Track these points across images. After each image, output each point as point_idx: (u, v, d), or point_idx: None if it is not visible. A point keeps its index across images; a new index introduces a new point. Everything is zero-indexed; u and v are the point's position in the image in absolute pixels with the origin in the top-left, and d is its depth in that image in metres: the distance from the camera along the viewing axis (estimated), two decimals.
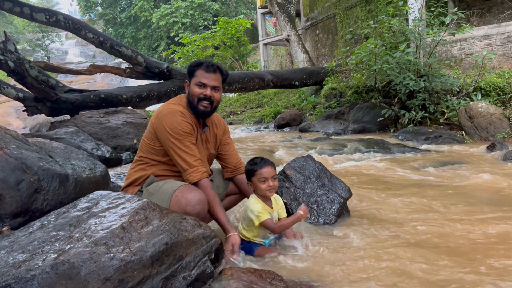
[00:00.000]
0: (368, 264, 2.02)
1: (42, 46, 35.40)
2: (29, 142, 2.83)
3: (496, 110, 6.48)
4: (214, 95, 2.36)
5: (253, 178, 2.27)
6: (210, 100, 2.35)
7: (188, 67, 2.42)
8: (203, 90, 2.34)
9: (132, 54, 7.46)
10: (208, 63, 2.37)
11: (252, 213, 2.23)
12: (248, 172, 2.32)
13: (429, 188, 3.65)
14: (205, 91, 2.34)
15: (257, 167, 2.27)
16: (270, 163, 2.32)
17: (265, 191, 2.26)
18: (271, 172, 2.27)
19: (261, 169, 2.26)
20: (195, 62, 2.41)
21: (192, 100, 2.35)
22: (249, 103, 16.44)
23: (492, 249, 2.15)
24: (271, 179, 2.26)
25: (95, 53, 37.48)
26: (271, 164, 2.32)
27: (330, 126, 9.06)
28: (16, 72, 5.28)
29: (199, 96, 2.33)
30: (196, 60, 2.44)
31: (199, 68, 2.36)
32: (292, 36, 14.23)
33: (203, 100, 2.34)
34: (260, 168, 2.26)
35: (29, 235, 1.73)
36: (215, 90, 2.37)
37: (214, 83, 2.37)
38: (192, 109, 2.37)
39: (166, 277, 1.58)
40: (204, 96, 2.33)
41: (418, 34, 7.78)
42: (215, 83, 2.37)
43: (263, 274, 1.79)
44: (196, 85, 2.34)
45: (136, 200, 1.86)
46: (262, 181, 2.25)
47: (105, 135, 6.06)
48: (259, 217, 2.20)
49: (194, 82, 2.35)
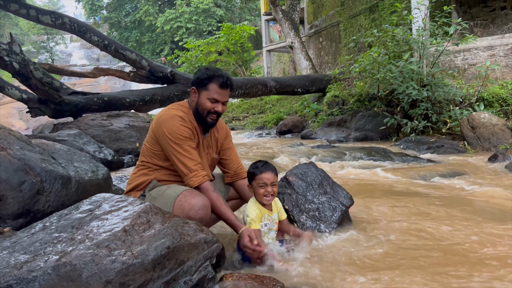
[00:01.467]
0: (369, 272, 2.01)
1: (46, 48, 35.60)
2: (32, 144, 2.84)
3: (499, 121, 6.48)
4: (223, 109, 2.38)
5: (253, 182, 2.27)
6: (218, 113, 2.37)
7: (200, 76, 2.34)
8: (215, 105, 2.33)
9: (136, 58, 7.49)
10: (223, 79, 2.31)
11: (247, 218, 2.24)
12: (249, 175, 2.31)
13: (430, 198, 3.64)
14: (217, 106, 2.33)
15: (257, 171, 2.25)
16: (272, 168, 2.29)
17: (261, 197, 2.25)
18: (270, 178, 2.25)
19: (261, 174, 2.24)
20: (209, 73, 2.32)
21: (201, 112, 2.34)
22: (252, 109, 16.47)
23: (488, 258, 2.14)
24: (270, 185, 2.24)
25: (99, 56, 37.68)
26: (273, 169, 2.29)
27: (332, 133, 9.06)
28: (21, 74, 5.31)
29: (210, 110, 2.33)
30: (209, 71, 2.35)
31: (213, 82, 2.30)
32: (295, 43, 14.28)
33: (212, 114, 2.35)
34: (260, 172, 2.24)
35: (31, 236, 1.73)
36: (224, 104, 2.39)
37: (226, 99, 2.37)
38: (199, 120, 2.37)
39: (167, 281, 1.58)
40: (215, 112, 2.34)
41: (421, 44, 7.81)
42: (226, 99, 2.38)
43: (264, 280, 1.79)
44: (208, 100, 2.31)
45: (139, 204, 1.86)
46: (261, 186, 2.24)
47: (107, 138, 6.07)
48: (251, 224, 2.20)
49: (207, 96, 2.31)
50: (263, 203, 2.29)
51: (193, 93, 2.37)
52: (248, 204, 2.33)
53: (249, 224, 2.21)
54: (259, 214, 2.25)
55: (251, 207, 2.28)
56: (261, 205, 2.30)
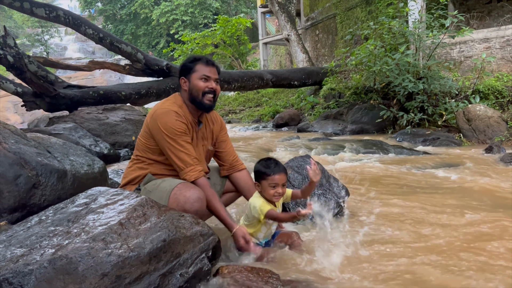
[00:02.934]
0: (364, 264, 2.03)
1: (41, 41, 35.31)
2: (28, 137, 2.83)
3: (494, 113, 6.50)
4: (216, 87, 2.39)
5: (264, 181, 2.21)
6: (214, 93, 2.37)
7: (184, 64, 2.41)
8: (208, 83, 2.35)
9: (131, 51, 7.44)
10: (206, 57, 2.39)
11: (254, 209, 2.20)
12: (259, 174, 2.24)
13: (425, 189, 3.66)
14: (210, 84, 2.35)
15: (270, 171, 2.20)
16: (283, 169, 2.26)
17: (271, 197, 2.22)
18: (283, 179, 2.22)
19: (274, 175, 2.20)
20: (191, 58, 2.40)
21: (196, 95, 2.34)
22: (248, 102, 16.44)
23: (485, 248, 2.16)
24: (281, 186, 2.22)
25: (95, 49, 37.41)
26: (285, 170, 2.26)
27: (328, 126, 9.06)
28: (15, 67, 5.27)
29: (204, 89, 2.33)
30: (191, 56, 2.43)
31: (198, 63, 2.37)
32: (292, 36, 14.23)
33: (208, 94, 2.35)
34: (274, 174, 2.20)
35: (27, 230, 1.73)
36: (216, 82, 2.40)
37: (216, 76, 2.40)
38: (197, 104, 2.37)
39: (163, 274, 1.59)
40: (209, 90, 2.35)
41: (418, 36, 7.80)
42: (216, 76, 2.40)
43: (260, 272, 1.80)
44: (200, 79, 2.34)
45: (135, 197, 1.87)
46: (272, 187, 2.21)
47: (103, 131, 6.05)
48: (262, 209, 2.16)
49: (197, 77, 2.34)
50: (271, 201, 2.26)
51: (183, 83, 2.40)
52: (251, 199, 2.30)
53: (262, 210, 2.16)
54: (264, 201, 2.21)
55: (256, 196, 2.25)
56: (266, 200, 2.28)
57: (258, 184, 2.26)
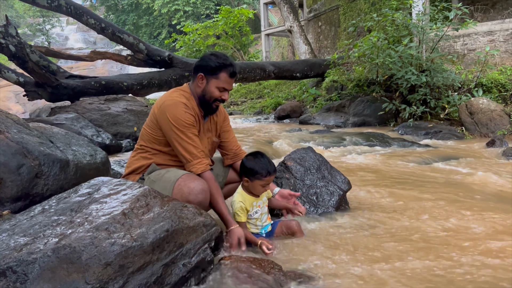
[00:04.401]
0: (365, 256, 2.04)
1: (42, 31, 35.17)
2: (30, 127, 2.83)
3: (497, 107, 6.48)
4: (227, 97, 2.42)
5: (257, 181, 2.23)
6: (223, 101, 2.41)
7: (209, 62, 2.32)
8: (223, 94, 2.36)
9: (133, 41, 7.41)
10: (233, 68, 2.33)
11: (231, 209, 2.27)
12: (252, 172, 2.25)
13: (427, 182, 3.66)
14: (224, 95, 2.37)
15: (266, 173, 2.23)
16: (274, 166, 2.32)
17: (260, 193, 2.29)
18: (273, 178, 2.30)
19: (271, 176, 2.25)
20: (220, 61, 2.31)
21: (208, 99, 2.35)
22: (250, 93, 16.42)
23: (488, 242, 2.17)
24: (268, 184, 2.30)
25: (96, 40, 37.30)
26: (275, 167, 2.33)
27: (330, 118, 9.05)
28: (17, 57, 5.25)
29: (217, 98, 2.36)
30: (220, 58, 2.32)
31: (224, 71, 2.31)
32: (294, 27, 14.15)
33: (218, 101, 2.38)
34: (270, 174, 2.24)
35: (30, 219, 1.74)
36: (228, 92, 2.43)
37: (231, 88, 2.41)
38: (205, 106, 2.38)
39: (166, 264, 1.60)
40: (222, 100, 2.37)
41: (421, 29, 7.75)
42: (232, 87, 2.42)
43: (262, 263, 1.81)
44: (217, 88, 2.33)
45: (138, 187, 1.87)
46: (264, 186, 2.26)
47: (105, 122, 6.05)
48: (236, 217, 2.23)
49: (216, 85, 2.32)
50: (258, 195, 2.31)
51: (200, 80, 2.34)
52: (234, 195, 2.33)
53: (235, 216, 2.22)
54: (243, 206, 2.24)
55: (237, 199, 2.28)
56: (248, 193, 2.30)
57: (248, 180, 2.27)
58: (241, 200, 2.27)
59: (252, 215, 2.30)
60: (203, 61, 2.35)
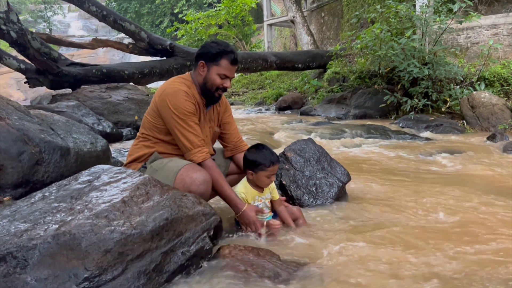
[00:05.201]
0: (364, 247, 2.05)
1: (44, 18, 34.94)
2: (31, 114, 2.83)
3: (499, 101, 6.46)
4: (229, 86, 2.39)
5: (261, 172, 2.25)
6: (226, 90, 2.39)
7: (209, 49, 2.31)
8: (225, 81, 2.34)
9: (135, 29, 7.38)
10: (234, 55, 2.32)
11: None
12: (255, 164, 2.27)
13: (426, 175, 3.67)
14: (226, 83, 2.34)
15: (269, 163, 2.24)
16: (277, 156, 2.33)
17: (266, 185, 2.30)
18: (277, 167, 2.30)
19: (274, 166, 2.26)
20: (221, 48, 2.30)
21: (210, 87, 2.34)
22: (251, 84, 16.36)
23: (487, 235, 2.18)
24: (274, 175, 2.30)
25: (98, 27, 37.05)
26: (278, 157, 2.33)
27: (331, 110, 9.03)
28: (18, 43, 5.23)
29: (219, 86, 2.33)
30: (220, 45, 2.32)
31: (225, 58, 2.30)
32: (297, 18, 14.06)
33: (220, 90, 2.36)
34: (273, 165, 2.25)
35: (30, 206, 1.75)
36: (231, 80, 2.40)
37: (234, 75, 2.39)
38: (207, 95, 2.37)
39: (165, 252, 1.61)
40: (223, 87, 2.35)
41: (424, 21, 7.69)
42: (234, 75, 2.40)
43: (261, 252, 1.82)
44: (219, 75, 2.31)
45: (137, 176, 1.88)
46: (269, 177, 2.26)
47: (106, 110, 6.05)
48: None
49: (217, 72, 2.30)
50: (263, 187, 2.32)
51: (201, 67, 2.34)
52: (237, 185, 2.34)
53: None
54: (244, 197, 2.27)
55: (240, 189, 2.30)
56: (253, 187, 2.32)
57: (252, 173, 2.28)
58: (243, 191, 2.28)
59: None
60: (204, 49, 2.34)
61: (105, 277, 1.42)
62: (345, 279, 1.71)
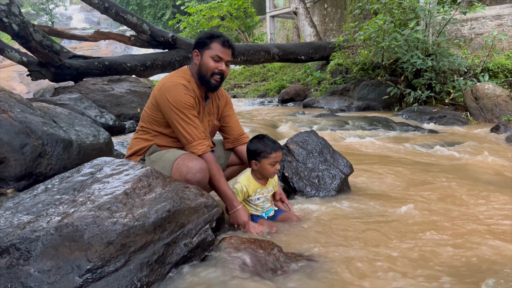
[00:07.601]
0: (366, 239, 2.05)
1: (46, 11, 34.83)
2: (34, 107, 2.84)
3: (503, 92, 6.42)
4: (226, 70, 2.36)
5: (264, 160, 2.24)
6: (222, 74, 2.35)
7: (201, 37, 2.35)
8: (219, 64, 2.31)
9: (137, 21, 7.35)
10: (224, 37, 2.32)
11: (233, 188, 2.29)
12: (257, 153, 2.27)
13: (430, 167, 3.66)
14: (220, 65, 2.32)
15: (270, 149, 2.24)
16: (280, 145, 2.32)
17: (272, 174, 2.30)
18: (281, 155, 2.29)
19: (276, 153, 2.25)
20: (209, 33, 2.34)
21: (205, 73, 2.32)
22: (254, 76, 16.30)
23: (491, 225, 2.18)
24: (278, 163, 2.30)
25: (100, 20, 36.94)
26: (281, 146, 2.33)
27: (334, 102, 9.01)
28: (20, 36, 5.22)
29: (213, 70, 2.31)
30: (209, 32, 2.36)
31: (214, 41, 2.30)
32: (300, 9, 13.97)
33: (216, 75, 2.33)
34: (275, 151, 2.25)
35: (33, 198, 1.76)
36: (227, 65, 2.36)
37: (228, 58, 2.35)
38: (203, 82, 2.35)
39: (167, 243, 1.61)
40: (219, 71, 2.32)
41: (428, 12, 7.63)
42: (229, 58, 2.36)
43: (263, 244, 1.82)
44: (212, 58, 2.30)
45: (140, 168, 1.88)
46: (273, 164, 2.26)
47: (108, 102, 6.05)
48: None
49: (210, 55, 2.30)
50: (270, 177, 2.32)
51: (195, 56, 2.36)
52: (240, 176, 2.34)
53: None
54: (244, 190, 2.27)
55: (242, 181, 2.30)
56: (256, 179, 2.31)
57: (256, 162, 2.28)
58: (245, 184, 2.28)
59: (253, 200, 2.32)
60: (196, 39, 2.38)
61: (108, 269, 1.42)
62: (347, 272, 1.71)
